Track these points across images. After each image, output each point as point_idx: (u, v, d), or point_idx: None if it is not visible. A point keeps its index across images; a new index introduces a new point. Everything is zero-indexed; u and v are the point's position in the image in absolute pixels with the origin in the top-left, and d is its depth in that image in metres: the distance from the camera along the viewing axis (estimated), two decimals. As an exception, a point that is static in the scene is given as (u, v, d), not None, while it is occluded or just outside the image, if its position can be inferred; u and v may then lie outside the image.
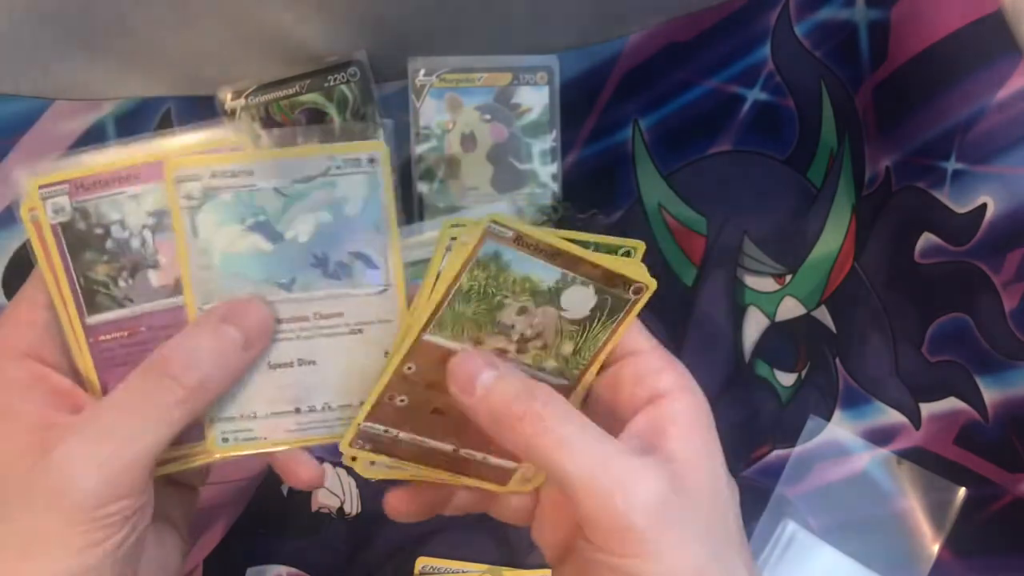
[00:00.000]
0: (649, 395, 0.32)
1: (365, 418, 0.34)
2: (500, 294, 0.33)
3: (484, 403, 0.32)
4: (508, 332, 0.33)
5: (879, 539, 0.52)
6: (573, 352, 0.34)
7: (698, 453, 0.31)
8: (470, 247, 0.32)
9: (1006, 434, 0.47)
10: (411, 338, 0.33)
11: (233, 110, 0.39)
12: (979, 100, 0.42)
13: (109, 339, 0.33)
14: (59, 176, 0.32)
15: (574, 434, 0.30)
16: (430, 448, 0.35)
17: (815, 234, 0.52)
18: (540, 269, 0.33)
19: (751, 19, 0.44)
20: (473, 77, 0.39)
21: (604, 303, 0.33)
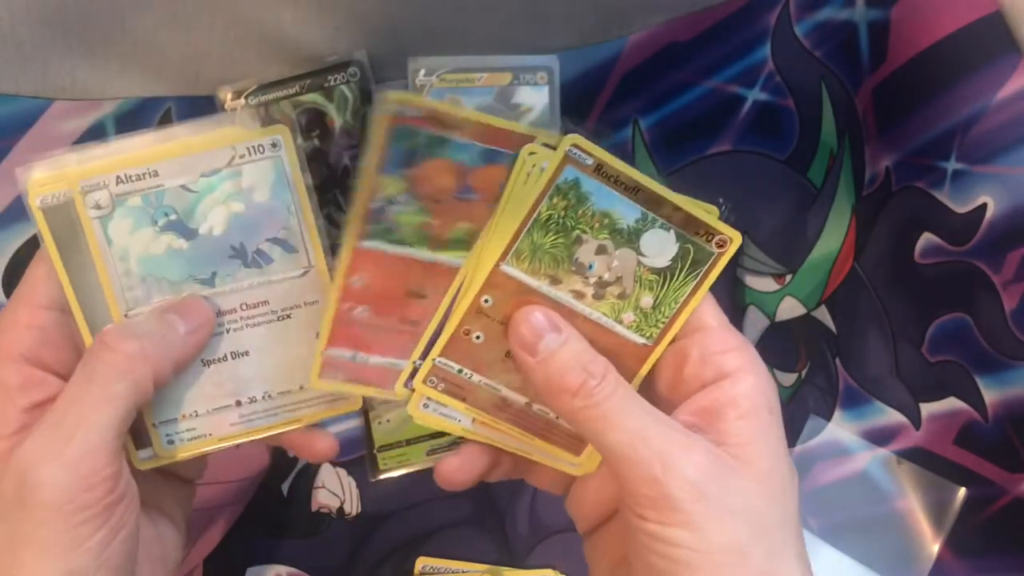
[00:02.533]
0: (713, 374, 0.32)
1: (441, 352, 0.34)
2: (579, 228, 0.32)
3: (542, 367, 0.32)
4: (585, 273, 0.33)
5: (879, 539, 0.52)
6: (653, 306, 0.33)
7: (754, 436, 0.31)
8: (550, 171, 0.31)
9: (1006, 434, 0.47)
10: (487, 267, 0.32)
11: (233, 110, 0.39)
12: (979, 100, 0.42)
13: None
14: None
15: (619, 408, 0.31)
16: (503, 398, 0.35)
17: (815, 234, 0.52)
18: (620, 204, 0.32)
19: (751, 19, 0.44)
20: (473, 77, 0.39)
21: (686, 253, 0.33)
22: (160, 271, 0.33)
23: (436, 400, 0.35)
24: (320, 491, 0.52)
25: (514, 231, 0.32)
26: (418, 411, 0.35)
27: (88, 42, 0.38)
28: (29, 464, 0.29)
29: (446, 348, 0.34)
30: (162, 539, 0.35)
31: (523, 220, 0.32)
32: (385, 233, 0.33)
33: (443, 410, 0.35)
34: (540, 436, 0.35)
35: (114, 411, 0.30)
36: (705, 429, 0.31)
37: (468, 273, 0.33)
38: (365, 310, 0.33)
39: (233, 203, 0.33)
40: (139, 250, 0.33)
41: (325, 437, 0.37)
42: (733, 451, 0.31)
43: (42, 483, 0.29)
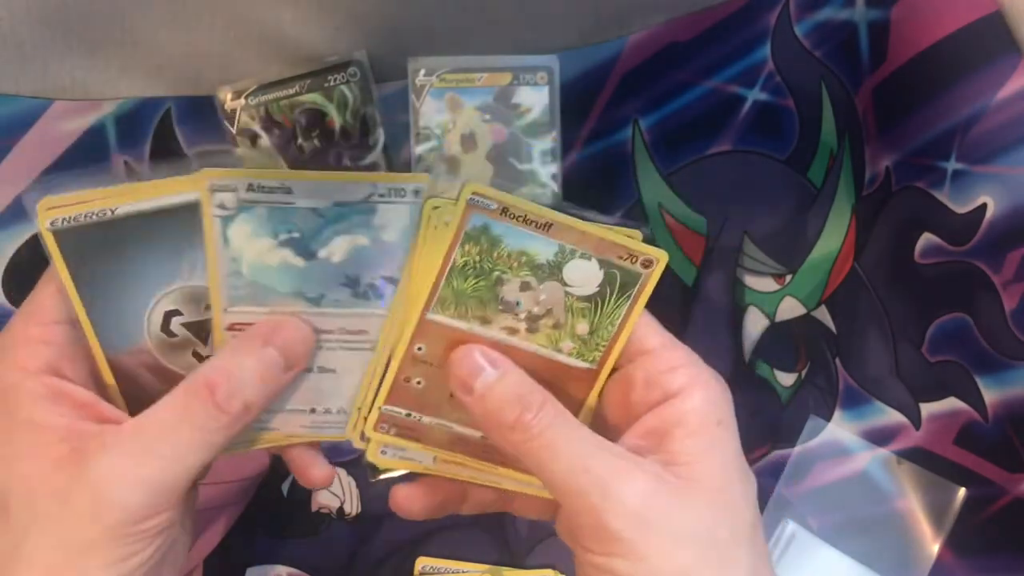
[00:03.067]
0: (660, 395, 0.32)
1: (385, 400, 0.34)
2: (497, 269, 0.32)
3: (480, 404, 0.32)
4: (514, 310, 0.33)
5: (879, 539, 0.52)
6: (590, 332, 0.33)
7: (702, 453, 0.31)
8: (456, 221, 0.31)
9: (1006, 434, 0.47)
10: (414, 317, 0.33)
11: (233, 110, 0.39)
12: (979, 100, 0.42)
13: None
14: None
15: (558, 438, 0.30)
16: (458, 434, 0.35)
17: (815, 234, 0.52)
18: (535, 241, 0.32)
19: (751, 19, 0.44)
20: (473, 77, 0.39)
21: (613, 278, 0.33)
22: (270, 281, 0.33)
23: (394, 445, 0.35)
24: (320, 491, 0.52)
25: (432, 281, 0.32)
26: (378, 457, 0.35)
27: (88, 42, 0.38)
28: (110, 481, 0.30)
29: (390, 396, 0.34)
30: (174, 545, 0.36)
31: (439, 270, 0.32)
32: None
33: (403, 453, 0.35)
34: (503, 464, 0.35)
35: (208, 454, 0.31)
36: (653, 450, 0.31)
37: (397, 323, 0.33)
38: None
39: (359, 236, 0.33)
40: (252, 256, 0.33)
41: (324, 467, 0.37)
42: (681, 471, 0.30)
43: (124, 504, 0.29)
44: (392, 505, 0.36)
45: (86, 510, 0.29)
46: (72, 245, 0.32)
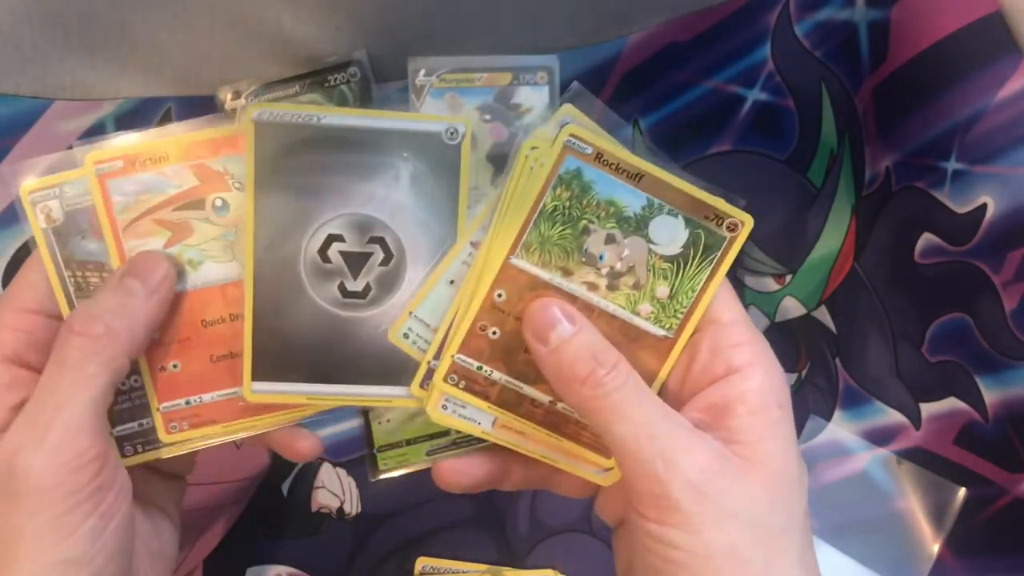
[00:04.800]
0: (723, 369, 0.32)
1: (458, 349, 0.33)
2: (585, 217, 0.32)
3: (554, 356, 0.32)
4: (597, 264, 0.33)
5: (879, 539, 0.52)
6: (670, 296, 0.33)
7: (763, 434, 0.31)
8: (550, 164, 0.32)
9: (1006, 434, 0.47)
10: (497, 261, 0.32)
11: (233, 110, 0.39)
12: (979, 100, 0.42)
13: None
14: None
15: (628, 401, 0.31)
16: (525, 395, 0.34)
17: (815, 234, 0.52)
18: (625, 192, 0.32)
19: (751, 19, 0.44)
20: (473, 77, 0.39)
21: (697, 239, 0.33)
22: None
23: (457, 399, 0.34)
24: (320, 491, 0.52)
25: (520, 224, 0.32)
26: (437, 411, 0.34)
27: (88, 42, 0.38)
28: (13, 452, 0.29)
29: (463, 345, 0.33)
30: (159, 534, 0.36)
31: (528, 212, 0.32)
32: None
33: (463, 411, 0.34)
34: (567, 436, 0.35)
35: (91, 392, 0.30)
36: (714, 426, 0.31)
37: (478, 269, 0.33)
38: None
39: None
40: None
41: (307, 437, 0.37)
42: (741, 450, 0.30)
43: (28, 470, 0.29)
44: (436, 478, 0.36)
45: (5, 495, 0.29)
46: (267, 140, 0.33)
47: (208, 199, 0.34)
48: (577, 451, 0.35)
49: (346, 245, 0.34)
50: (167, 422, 0.35)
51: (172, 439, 0.35)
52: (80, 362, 0.30)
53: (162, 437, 0.35)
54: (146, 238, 0.34)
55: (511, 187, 0.32)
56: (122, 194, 0.34)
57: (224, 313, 0.35)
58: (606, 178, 0.32)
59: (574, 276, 0.33)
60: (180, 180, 0.34)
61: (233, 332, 0.35)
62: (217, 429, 0.35)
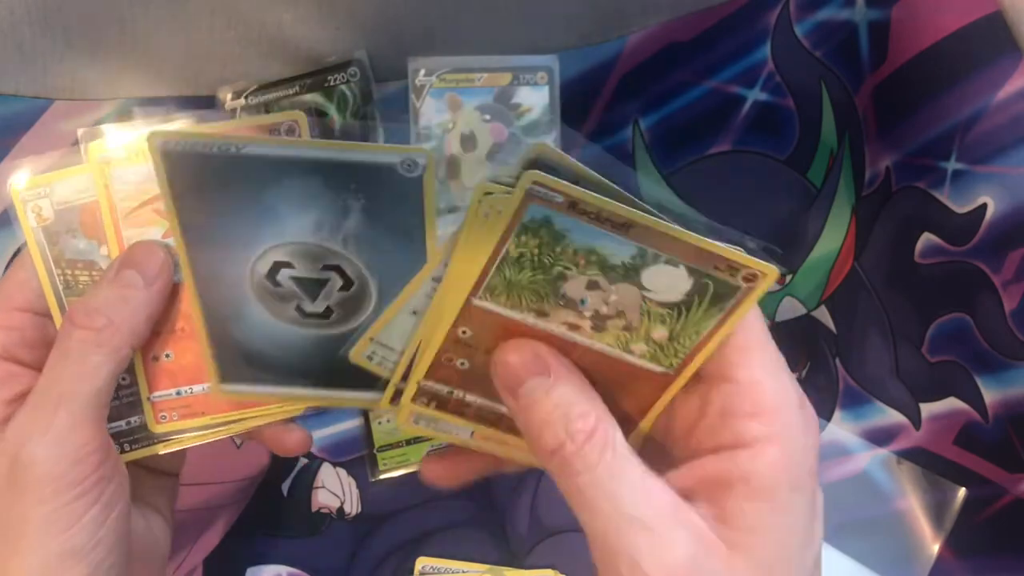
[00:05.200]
0: (731, 440, 0.28)
1: (424, 377, 0.30)
2: (559, 264, 0.27)
3: (523, 413, 0.29)
4: (578, 308, 0.28)
5: (879, 539, 0.52)
6: (669, 339, 0.28)
7: (760, 523, 0.27)
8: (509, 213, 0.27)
9: (1006, 434, 0.47)
10: (458, 302, 0.28)
11: (233, 110, 0.39)
12: (979, 100, 0.41)
13: None
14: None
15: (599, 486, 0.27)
16: (503, 414, 0.31)
17: (815, 234, 0.52)
18: (608, 240, 0.27)
19: (751, 19, 0.44)
20: (473, 77, 0.39)
21: (703, 288, 0.27)
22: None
23: (430, 416, 0.32)
24: (320, 491, 0.52)
25: (479, 270, 0.28)
26: (409, 425, 0.32)
27: (88, 42, 0.38)
28: (18, 444, 0.29)
29: (430, 373, 0.30)
30: (152, 530, 0.36)
31: (488, 258, 0.28)
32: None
33: (436, 426, 0.32)
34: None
35: (94, 382, 0.30)
36: (707, 500, 0.27)
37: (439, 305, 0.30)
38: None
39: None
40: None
41: (296, 431, 0.36)
42: (732, 536, 0.27)
43: (34, 460, 0.29)
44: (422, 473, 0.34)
45: (9, 485, 0.29)
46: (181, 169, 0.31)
47: None
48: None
49: (296, 271, 0.32)
50: (157, 412, 0.35)
51: (161, 429, 0.35)
52: (83, 354, 0.30)
53: (152, 427, 0.35)
54: (145, 227, 0.34)
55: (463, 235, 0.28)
56: (123, 183, 0.34)
57: None
58: (583, 226, 0.27)
59: (551, 318, 0.28)
60: None
61: None
62: (206, 420, 0.35)
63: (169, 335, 0.34)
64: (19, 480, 0.29)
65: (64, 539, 0.29)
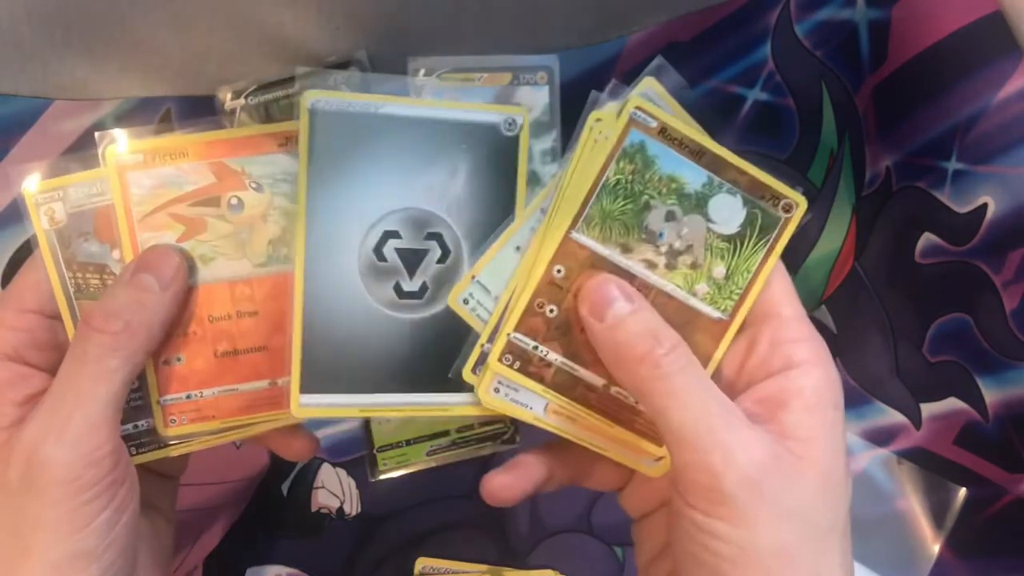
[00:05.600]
0: (781, 363, 0.32)
1: (515, 327, 0.33)
2: (647, 193, 0.32)
3: (610, 333, 0.31)
4: (656, 241, 0.33)
5: (879, 539, 0.52)
6: (726, 276, 0.33)
7: (816, 432, 0.30)
8: (616, 134, 0.32)
9: (1006, 434, 0.47)
10: (558, 235, 0.32)
11: (233, 110, 0.39)
12: (979, 100, 0.41)
13: None
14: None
15: (687, 386, 0.30)
16: (579, 379, 0.34)
17: (815, 234, 0.52)
18: (686, 168, 0.32)
19: (751, 19, 0.44)
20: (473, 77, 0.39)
21: (754, 218, 0.33)
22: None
23: (510, 381, 0.33)
24: (320, 491, 0.52)
25: (583, 197, 0.32)
26: (488, 396, 0.34)
27: (88, 42, 0.38)
28: (34, 445, 0.29)
29: (520, 323, 0.33)
30: (157, 533, 0.36)
31: (592, 185, 0.32)
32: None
33: (515, 395, 0.34)
34: (619, 422, 0.34)
35: (111, 386, 0.31)
36: (768, 420, 0.31)
37: (538, 243, 0.33)
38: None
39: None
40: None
41: (303, 436, 0.37)
42: (795, 446, 0.30)
43: (49, 461, 0.29)
44: (484, 493, 0.35)
45: (21, 486, 0.29)
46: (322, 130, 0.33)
47: (224, 197, 0.34)
48: (629, 438, 0.34)
49: (402, 242, 0.34)
50: (167, 415, 0.35)
51: (171, 432, 0.35)
52: (100, 357, 0.31)
53: (161, 430, 0.35)
54: (160, 231, 0.34)
55: (576, 159, 0.32)
56: (140, 187, 0.34)
57: (231, 310, 0.35)
58: (668, 152, 0.32)
59: (633, 253, 0.33)
60: (197, 177, 0.34)
61: (239, 329, 0.35)
62: (215, 425, 0.35)
63: (180, 338, 0.34)
64: (34, 481, 0.29)
65: (76, 541, 0.29)
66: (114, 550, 0.30)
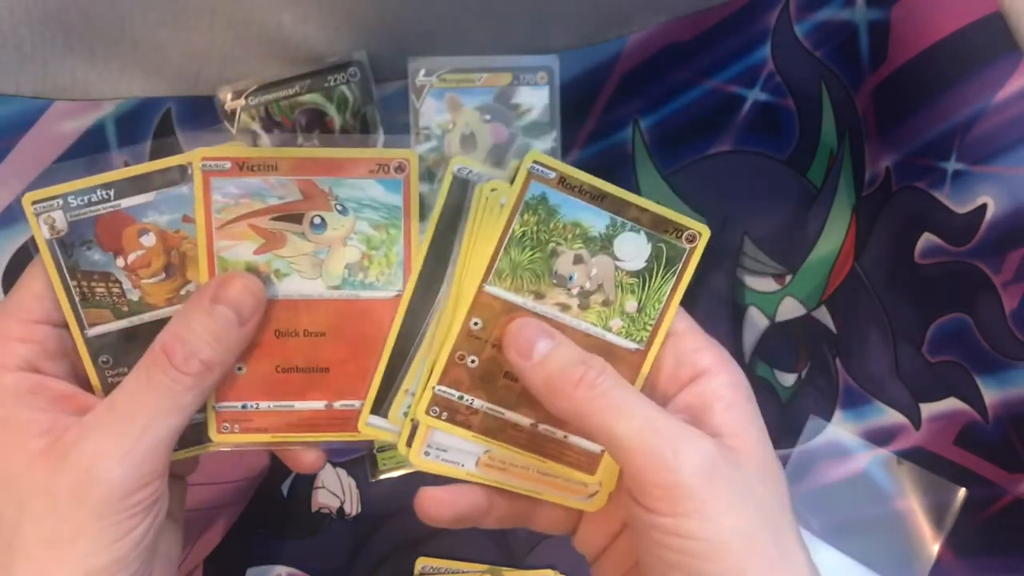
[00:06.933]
0: (690, 373, 0.34)
1: (438, 380, 0.34)
2: (552, 239, 0.34)
3: (540, 369, 0.33)
4: (567, 285, 0.34)
5: (879, 539, 0.52)
6: (638, 309, 0.34)
7: (743, 426, 0.32)
8: (517, 188, 0.33)
9: (1006, 434, 0.47)
10: (471, 289, 0.34)
11: (233, 110, 0.39)
12: (979, 100, 0.41)
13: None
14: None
15: (625, 399, 0.31)
16: (507, 421, 0.35)
17: (815, 234, 0.52)
18: (588, 212, 0.34)
19: (751, 19, 0.44)
20: (473, 77, 0.39)
21: (659, 252, 0.34)
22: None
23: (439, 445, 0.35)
24: (320, 491, 0.52)
25: (491, 251, 0.33)
26: (420, 459, 0.35)
27: (88, 42, 0.38)
28: (93, 459, 0.30)
29: (443, 375, 0.34)
30: (166, 535, 0.36)
31: (498, 239, 0.33)
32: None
33: (445, 456, 0.35)
34: (550, 458, 0.35)
35: (181, 419, 0.32)
36: (697, 424, 0.32)
37: (454, 299, 0.34)
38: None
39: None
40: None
41: (312, 451, 0.37)
42: (728, 442, 0.31)
43: (107, 479, 0.30)
44: (417, 507, 0.36)
45: (71, 495, 0.30)
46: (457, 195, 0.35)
47: (307, 215, 0.34)
48: (562, 471, 0.35)
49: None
50: (220, 422, 0.35)
51: (221, 439, 0.35)
52: (176, 394, 0.31)
53: (212, 435, 0.35)
54: (239, 241, 0.34)
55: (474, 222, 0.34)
56: (223, 194, 0.34)
57: (299, 328, 0.35)
58: (570, 200, 0.33)
59: (546, 298, 0.34)
60: (284, 192, 0.34)
61: (304, 348, 0.35)
62: (265, 438, 0.35)
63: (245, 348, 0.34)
64: (88, 493, 0.30)
65: (113, 550, 0.30)
66: (141, 558, 0.31)
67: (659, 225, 0.34)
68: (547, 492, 0.36)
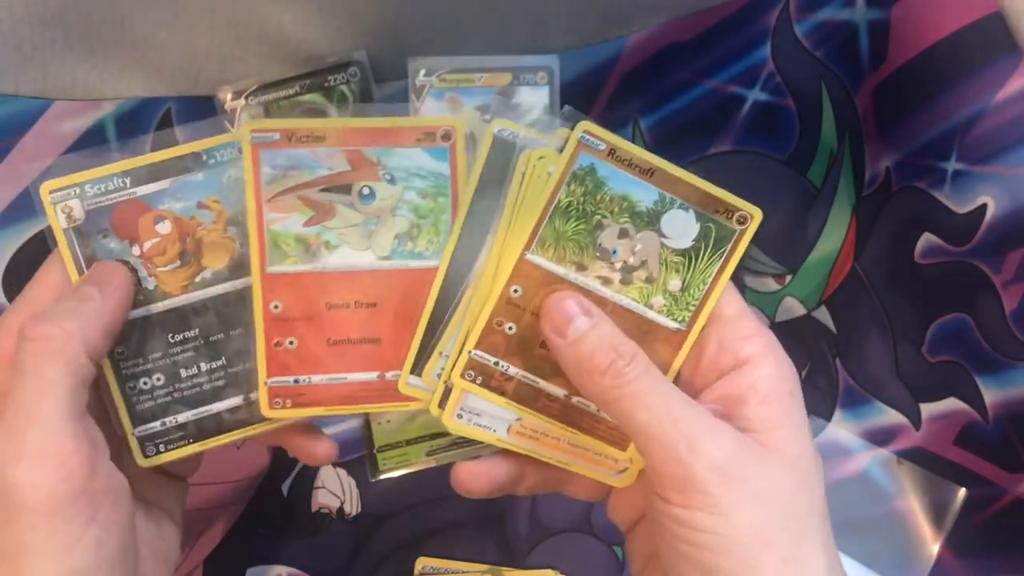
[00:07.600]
0: (732, 362, 0.33)
1: (475, 344, 0.34)
2: (599, 213, 0.33)
3: (572, 349, 0.32)
4: (610, 259, 0.33)
5: (879, 539, 0.52)
6: (682, 289, 0.34)
7: (778, 421, 0.31)
8: (565, 157, 0.32)
9: (1006, 434, 0.47)
10: (513, 257, 0.33)
11: (233, 110, 0.39)
12: (979, 100, 0.41)
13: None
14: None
15: (649, 389, 0.31)
16: (541, 390, 0.35)
17: (815, 234, 0.52)
18: (637, 187, 0.33)
19: (751, 19, 0.44)
20: (473, 77, 0.39)
21: (708, 232, 0.33)
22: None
23: (473, 408, 0.34)
24: (320, 491, 0.52)
25: (536, 220, 0.33)
26: (453, 421, 0.35)
27: (88, 42, 0.38)
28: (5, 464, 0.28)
29: (480, 340, 0.34)
30: (164, 537, 0.36)
31: (544, 208, 0.33)
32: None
33: (478, 420, 0.35)
34: (582, 430, 0.35)
35: (56, 395, 0.29)
36: (729, 416, 0.31)
37: (494, 265, 0.34)
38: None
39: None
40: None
41: (324, 441, 0.37)
42: (759, 437, 0.31)
43: (16, 486, 0.28)
44: (454, 482, 0.36)
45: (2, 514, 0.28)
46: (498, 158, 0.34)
47: (356, 186, 0.34)
48: (593, 445, 0.35)
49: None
50: (272, 397, 0.35)
51: (273, 415, 0.35)
52: (37, 368, 0.29)
53: (264, 411, 0.35)
54: (288, 212, 0.34)
55: (525, 184, 0.33)
56: (272, 166, 0.33)
57: (350, 299, 0.35)
58: (618, 174, 0.33)
59: (588, 271, 0.33)
60: (332, 163, 0.34)
61: (355, 319, 0.35)
62: (318, 411, 0.35)
63: (297, 322, 0.34)
64: (9, 508, 0.28)
65: (65, 562, 0.28)
66: (109, 564, 0.29)
67: (709, 204, 0.33)
68: (577, 464, 0.35)
